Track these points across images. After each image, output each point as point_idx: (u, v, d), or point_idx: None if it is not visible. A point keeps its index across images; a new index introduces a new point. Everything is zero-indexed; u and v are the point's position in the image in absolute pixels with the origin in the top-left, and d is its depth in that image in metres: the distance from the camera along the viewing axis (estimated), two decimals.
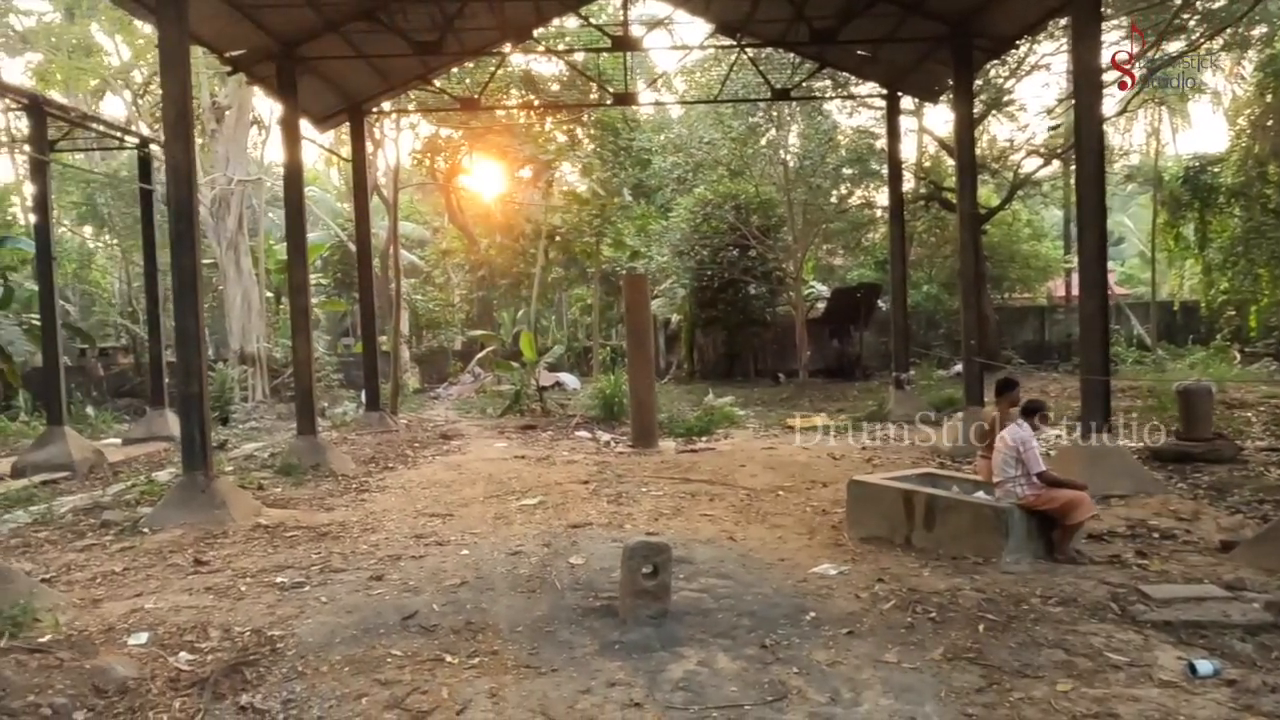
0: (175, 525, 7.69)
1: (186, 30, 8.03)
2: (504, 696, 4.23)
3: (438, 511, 8.28)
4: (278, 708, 4.18)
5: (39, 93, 12.80)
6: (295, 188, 11.32)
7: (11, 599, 5.14)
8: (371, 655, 4.71)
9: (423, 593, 5.61)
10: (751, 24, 12.79)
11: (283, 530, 7.66)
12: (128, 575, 6.35)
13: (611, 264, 26.72)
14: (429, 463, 11.52)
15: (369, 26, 11.33)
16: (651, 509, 8.11)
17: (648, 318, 13.19)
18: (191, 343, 8.15)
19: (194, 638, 4.92)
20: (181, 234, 8.06)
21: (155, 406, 15.98)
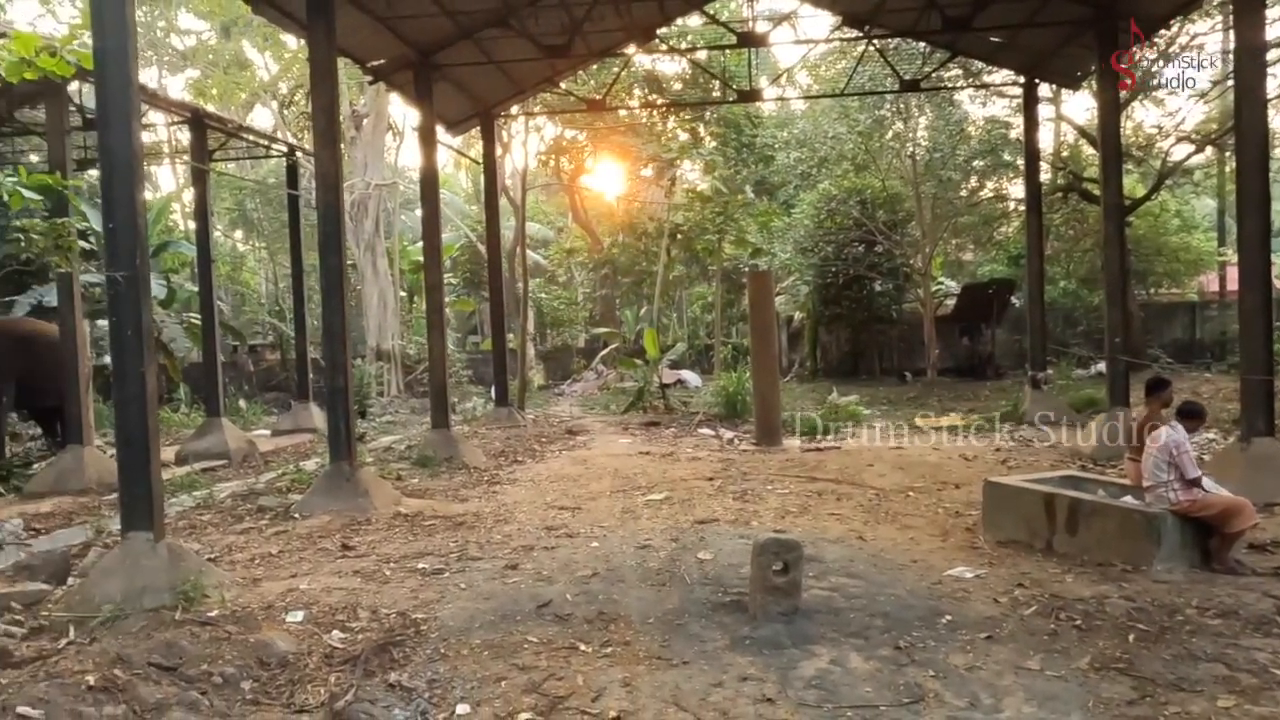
0: (323, 512, 8.13)
1: (334, 44, 8.48)
2: (637, 686, 4.31)
3: (566, 505, 8.47)
4: (423, 686, 4.38)
5: (200, 107, 13.72)
6: (431, 191, 11.78)
7: (184, 575, 5.55)
8: (509, 641, 4.87)
9: (556, 582, 5.75)
10: (880, 14, 12.52)
11: (421, 519, 7.99)
12: (282, 557, 6.76)
13: (733, 261, 26.63)
14: (556, 457, 11.78)
15: (500, 33, 11.67)
16: (778, 507, 8.07)
17: (772, 315, 13.11)
18: (337, 340, 8.61)
19: (345, 617, 5.20)
20: (329, 236, 8.52)
21: (300, 400, 16.93)
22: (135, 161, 5.65)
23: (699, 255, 24.98)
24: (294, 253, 16.77)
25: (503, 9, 11.16)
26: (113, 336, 5.75)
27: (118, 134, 5.61)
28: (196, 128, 13.57)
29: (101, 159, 5.69)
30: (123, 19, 5.59)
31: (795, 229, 22.09)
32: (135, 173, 5.65)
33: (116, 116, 5.60)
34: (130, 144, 5.61)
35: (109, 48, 5.58)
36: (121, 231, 5.62)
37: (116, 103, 5.61)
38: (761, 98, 15.19)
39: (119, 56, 5.57)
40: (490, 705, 4.18)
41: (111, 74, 5.58)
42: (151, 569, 5.53)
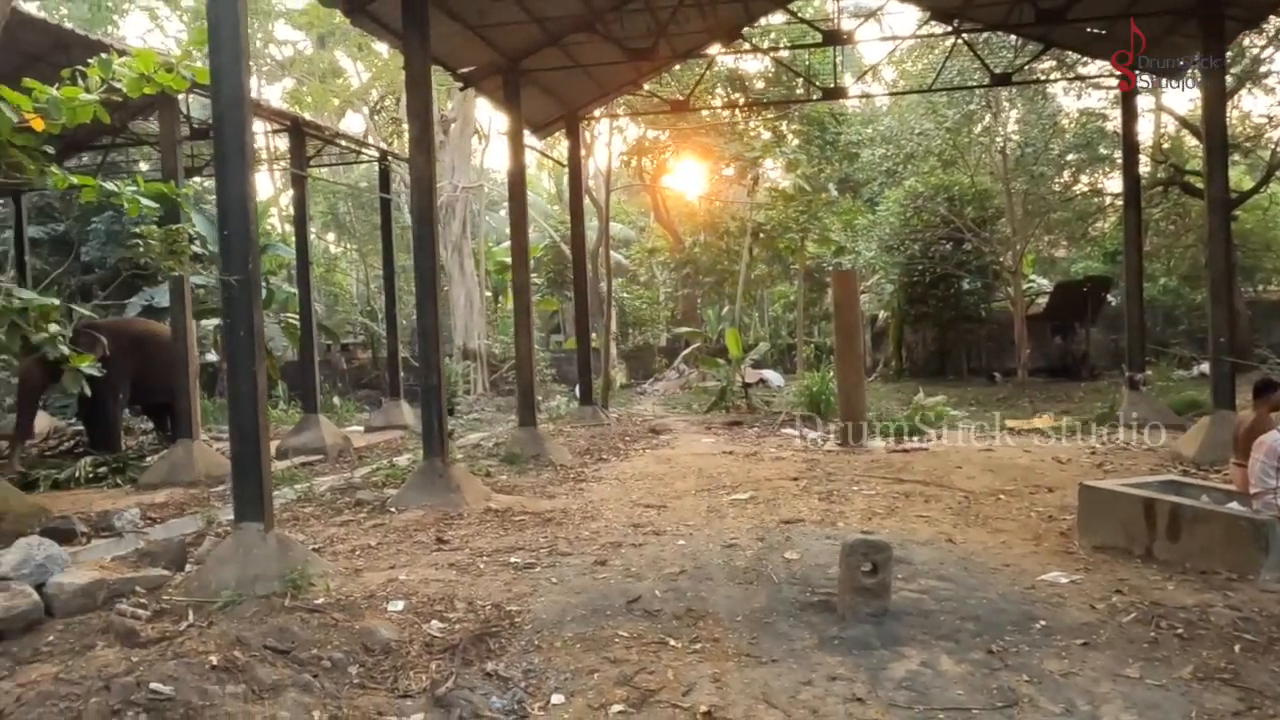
0: (417, 506, 8.41)
1: (429, 54, 8.76)
2: (726, 682, 4.38)
3: (652, 503, 8.57)
4: (519, 676, 4.53)
5: (299, 115, 14.28)
6: (519, 193, 12.04)
7: (292, 564, 5.83)
8: (600, 634, 4.99)
9: (644, 579, 5.86)
10: (970, 8, 12.29)
11: (511, 515, 8.20)
12: (381, 549, 7.03)
13: (816, 260, 26.40)
14: (640, 456, 11.91)
15: (586, 37, 11.85)
16: (864, 508, 8.02)
17: (857, 314, 13.00)
18: (431, 339, 8.89)
19: (442, 608, 5.39)
20: (423, 239, 8.81)
21: (392, 398, 17.46)
22: (248, 172, 5.96)
23: (781, 254, 24.86)
24: (386, 254, 17.30)
25: (589, 14, 11.33)
26: (226, 337, 6.08)
27: (231, 146, 5.93)
28: (296, 135, 14.14)
29: (217, 170, 6.02)
30: (236, 38, 5.90)
31: (880, 227, 21.80)
32: (248, 182, 5.96)
33: (231, 129, 5.92)
34: (243, 156, 5.92)
35: (224, 64, 5.90)
36: (235, 238, 5.94)
37: (231, 116, 5.92)
38: (846, 95, 15.05)
39: (233, 73, 5.88)
40: (583, 696, 4.30)
41: (226, 89, 5.90)
42: (262, 558, 5.83)
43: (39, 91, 7.35)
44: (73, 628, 5.16)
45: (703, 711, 4.07)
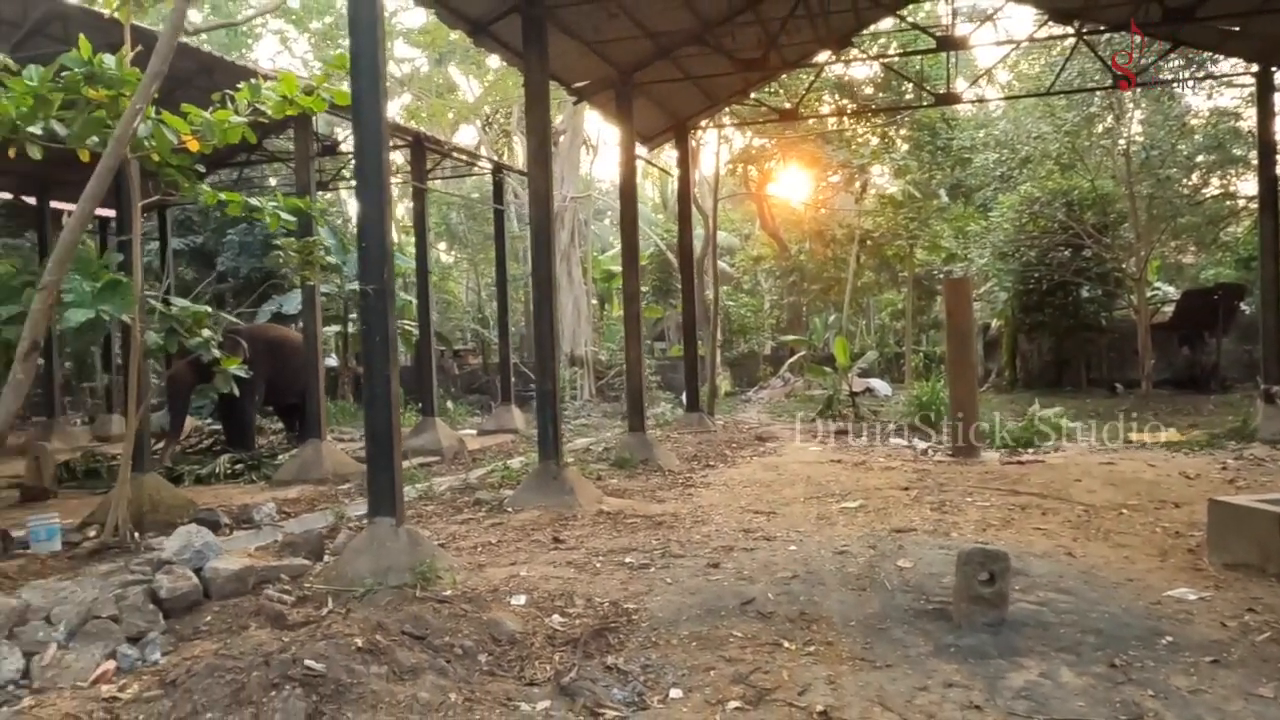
0: (533, 507, 8.71)
1: (547, 71, 9.10)
2: (841, 684, 4.45)
3: (761, 509, 8.65)
4: (638, 671, 4.70)
5: (420, 131, 14.92)
6: (630, 203, 12.31)
7: (420, 558, 6.17)
8: (715, 634, 5.13)
9: (757, 582, 5.96)
10: (1091, 9, 11.95)
11: (622, 517, 8.41)
12: (500, 547, 7.33)
13: (924, 267, 25.91)
14: (747, 463, 11.99)
15: (697, 50, 12.04)
16: (978, 519, 7.92)
17: (970, 322, 12.76)
18: (547, 346, 9.21)
19: (562, 603, 5.62)
20: (541, 249, 9.14)
21: (503, 402, 18.00)
22: (385, 190, 6.35)
23: (889, 261, 24.51)
24: (499, 263, 17.87)
25: (699, 27, 11.51)
26: (363, 343, 6.49)
27: (370, 166, 6.32)
28: (417, 150, 14.79)
29: (357, 188, 6.43)
30: (375, 67, 6.28)
31: (994, 233, 21.25)
32: (384, 200, 6.35)
33: (369, 151, 6.32)
34: (380, 175, 6.31)
35: (364, 91, 6.30)
36: (372, 250, 6.33)
37: (369, 139, 6.32)
38: (960, 99, 14.78)
39: (372, 100, 6.27)
40: (700, 692, 4.44)
41: (366, 115, 6.29)
42: (394, 551, 6.19)
43: (194, 115, 7.98)
44: (227, 609, 5.61)
45: (818, 711, 4.16)
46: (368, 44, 6.26)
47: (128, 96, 7.06)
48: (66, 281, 7.46)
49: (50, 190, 17.57)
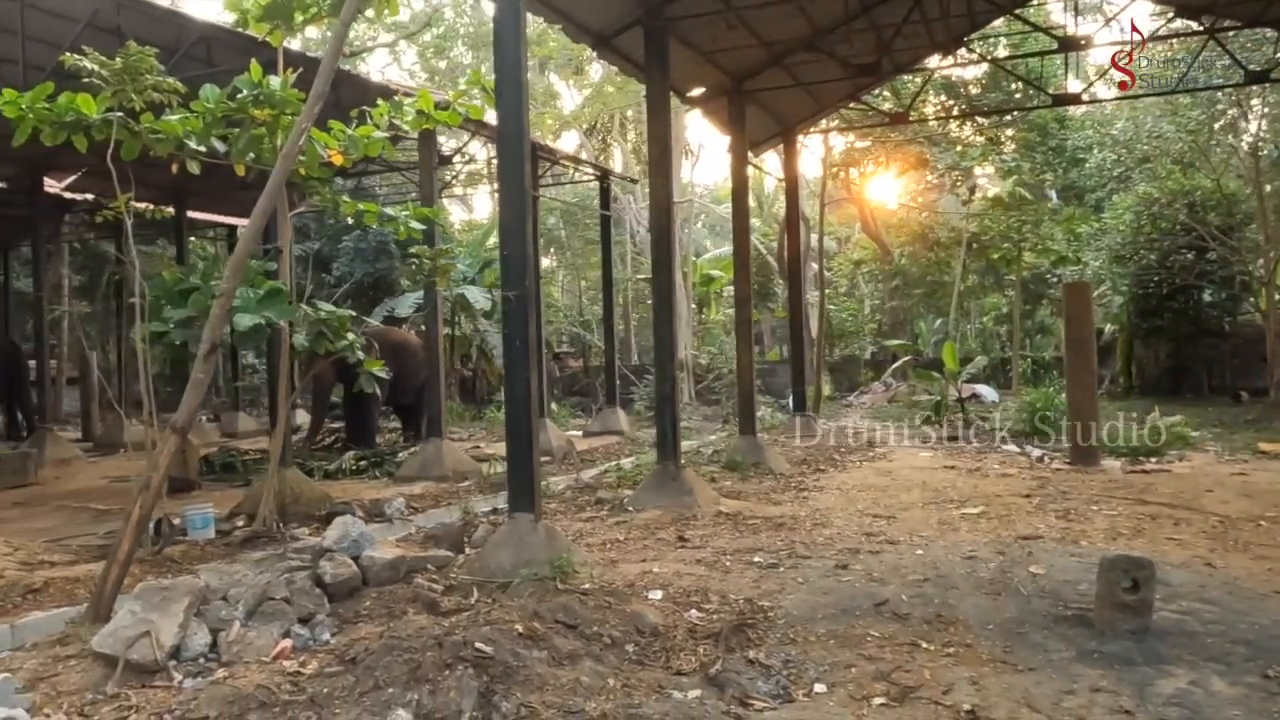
0: (653, 507, 8.93)
1: (669, 83, 9.34)
2: (984, 685, 4.52)
3: (879, 513, 8.69)
4: (779, 665, 4.86)
5: (532, 139, 15.34)
6: (742, 209, 12.46)
7: (557, 552, 6.46)
8: (852, 633, 5.25)
9: (888, 584, 6.05)
10: (1222, 4, 11.56)
11: (742, 518, 8.57)
12: (627, 544, 7.58)
13: (1032, 270, 25.27)
14: (858, 467, 11.99)
15: (810, 56, 12.11)
16: (1107, 528, 7.81)
17: (1090, 328, 12.49)
18: (666, 350, 9.44)
19: (698, 599, 5.81)
20: (661, 255, 9.38)
21: (608, 404, 18.33)
22: (526, 201, 6.67)
23: (995, 265, 24.01)
24: (605, 269, 18.22)
25: (812, 34, 11.60)
26: (505, 346, 6.82)
27: (512, 175, 6.64)
28: (530, 159, 15.24)
29: (500, 196, 6.76)
30: (519, 84, 6.59)
31: (1109, 235, 20.60)
32: (525, 210, 6.67)
33: (512, 162, 6.64)
34: (523, 184, 6.63)
35: (507, 107, 6.62)
36: (513, 258, 6.65)
37: (511, 152, 6.64)
38: (1078, 100, 14.43)
39: (515, 116, 6.58)
40: (844, 688, 4.58)
41: (509, 130, 6.62)
42: (533, 545, 6.49)
43: (338, 130, 8.48)
44: (384, 595, 5.99)
45: (965, 710, 4.25)
46: (511, 61, 6.58)
47: (288, 115, 7.59)
48: None
49: (186, 201, 18.68)
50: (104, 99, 7.60)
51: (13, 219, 19.45)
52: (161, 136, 7.55)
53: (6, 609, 6.50)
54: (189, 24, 11.48)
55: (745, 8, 10.05)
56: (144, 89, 7.64)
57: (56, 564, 7.95)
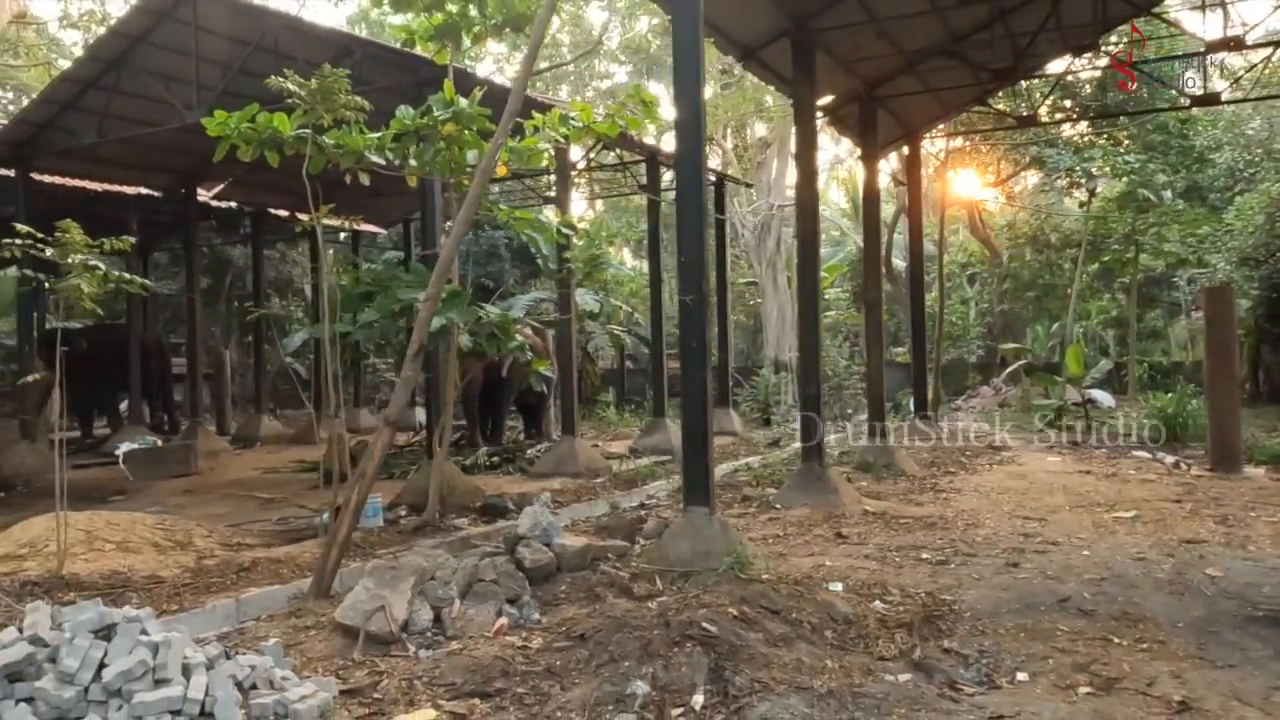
0: (800, 505, 9.19)
1: (815, 95, 9.60)
2: (1187, 679, 4.67)
3: (1028, 515, 8.79)
4: (975, 654, 5.08)
5: (655, 147, 15.75)
6: (873, 212, 12.62)
7: (731, 544, 6.78)
8: (1039, 627, 5.43)
9: (1066, 582, 6.20)
10: None
11: (890, 518, 8.76)
12: (787, 539, 7.86)
13: (1145, 272, 24.63)
14: (988, 470, 12.03)
15: (942, 62, 12.21)
16: (1272, 534, 7.77)
17: (1232, 332, 12.28)
18: (811, 353, 9.69)
19: (879, 592, 6.06)
20: (806, 259, 9.64)
21: (721, 405, 18.60)
22: (702, 210, 7.01)
23: (1110, 267, 23.50)
24: (718, 272, 18.50)
25: (948, 39, 11.69)
26: (680, 347, 7.17)
27: (689, 183, 6.98)
28: (651, 165, 15.65)
29: (678, 204, 7.10)
30: (696, 91, 6.94)
31: (1238, 238, 19.98)
32: (703, 215, 7.01)
33: (689, 170, 6.98)
34: (700, 192, 6.97)
35: (686, 115, 6.98)
36: (690, 263, 6.99)
37: (690, 159, 6.98)
38: (1218, 100, 14.12)
39: (693, 122, 6.93)
40: (1046, 677, 4.78)
41: (687, 136, 6.97)
42: (709, 537, 6.81)
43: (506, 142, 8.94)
44: (577, 581, 6.39)
45: (1176, 701, 4.41)
46: (690, 71, 6.91)
47: (471, 131, 8.08)
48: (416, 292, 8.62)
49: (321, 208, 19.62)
50: (297, 117, 8.26)
51: (157, 224, 20.76)
52: (345, 151, 8.16)
53: (225, 585, 7.12)
54: (348, 43, 12.21)
55: (889, 18, 10.24)
56: (336, 108, 8.26)
57: (253, 546, 8.64)
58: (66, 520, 7.04)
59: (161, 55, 13.35)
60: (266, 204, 19.64)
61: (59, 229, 6.63)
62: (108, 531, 7.97)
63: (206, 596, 6.75)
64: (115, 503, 11.74)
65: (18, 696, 4.22)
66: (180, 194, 17.34)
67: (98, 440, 18.43)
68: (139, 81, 13.51)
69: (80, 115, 13.95)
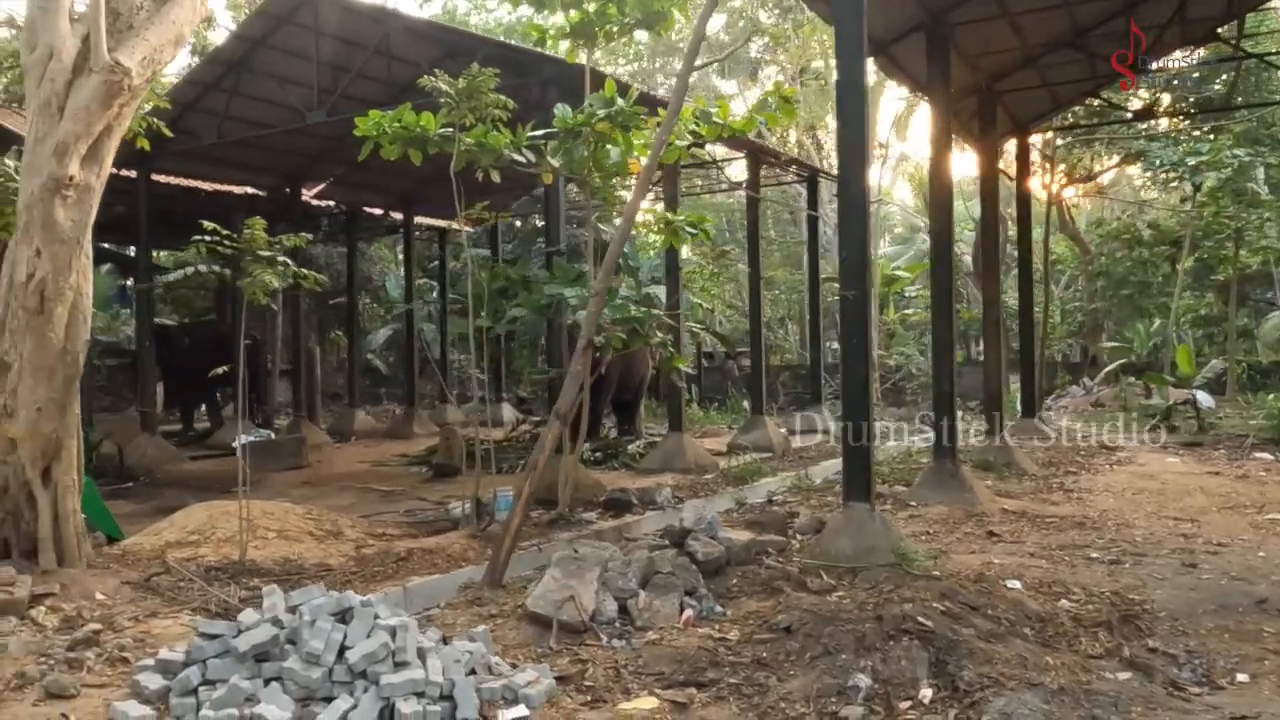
0: (937, 502, 9.10)
1: (950, 85, 9.51)
2: None
3: (1177, 516, 8.61)
4: (1183, 655, 5.01)
5: (756, 143, 15.70)
6: (991, 208, 12.45)
7: (894, 540, 6.77)
8: (1243, 629, 5.33)
9: (1255, 583, 6.07)
10: None
11: (1032, 517, 8.64)
12: (937, 537, 7.80)
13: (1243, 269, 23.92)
14: (1109, 471, 11.80)
15: (1058, 56, 12.00)
16: None
17: None
18: (945, 351, 9.61)
19: (1060, 590, 5.99)
20: (940, 259, 9.54)
21: (813, 403, 18.52)
22: (866, 207, 7.00)
23: (1209, 264, 22.89)
24: (811, 269, 18.41)
25: (1072, 32, 11.49)
26: (842, 344, 7.17)
27: (853, 180, 6.97)
28: (752, 160, 15.64)
29: (840, 200, 7.10)
30: (860, 90, 6.93)
31: None
32: (866, 215, 7.00)
33: (853, 167, 6.97)
34: (864, 194, 6.96)
35: (849, 112, 6.97)
36: (852, 260, 6.98)
37: (854, 157, 6.97)
38: None
39: (857, 121, 6.93)
40: (1268, 679, 4.69)
41: (850, 135, 6.96)
42: (872, 533, 6.81)
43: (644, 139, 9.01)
44: (746, 574, 6.42)
45: None
46: (854, 69, 6.90)
47: (621, 130, 8.15)
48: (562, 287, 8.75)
49: (413, 206, 20.00)
50: (441, 116, 8.43)
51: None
52: (486, 149, 8.30)
53: (388, 574, 7.28)
54: (468, 43, 12.39)
55: (1021, 11, 10.12)
56: (483, 106, 8.40)
57: (396, 537, 8.81)
58: (245, 508, 7.27)
59: (278, 58, 13.69)
60: (361, 203, 20.01)
61: (246, 225, 6.85)
62: (266, 520, 8.20)
63: (375, 584, 6.91)
64: (238, 493, 12.06)
65: (265, 676, 4.39)
66: (284, 193, 17.72)
67: (199, 433, 18.94)
68: (257, 84, 13.88)
69: (200, 116, 14.35)
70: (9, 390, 6.11)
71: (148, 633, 5.37)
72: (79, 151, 5.90)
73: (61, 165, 5.82)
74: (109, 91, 5.88)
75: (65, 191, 5.87)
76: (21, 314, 5.98)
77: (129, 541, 7.86)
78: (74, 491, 6.41)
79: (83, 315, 6.28)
